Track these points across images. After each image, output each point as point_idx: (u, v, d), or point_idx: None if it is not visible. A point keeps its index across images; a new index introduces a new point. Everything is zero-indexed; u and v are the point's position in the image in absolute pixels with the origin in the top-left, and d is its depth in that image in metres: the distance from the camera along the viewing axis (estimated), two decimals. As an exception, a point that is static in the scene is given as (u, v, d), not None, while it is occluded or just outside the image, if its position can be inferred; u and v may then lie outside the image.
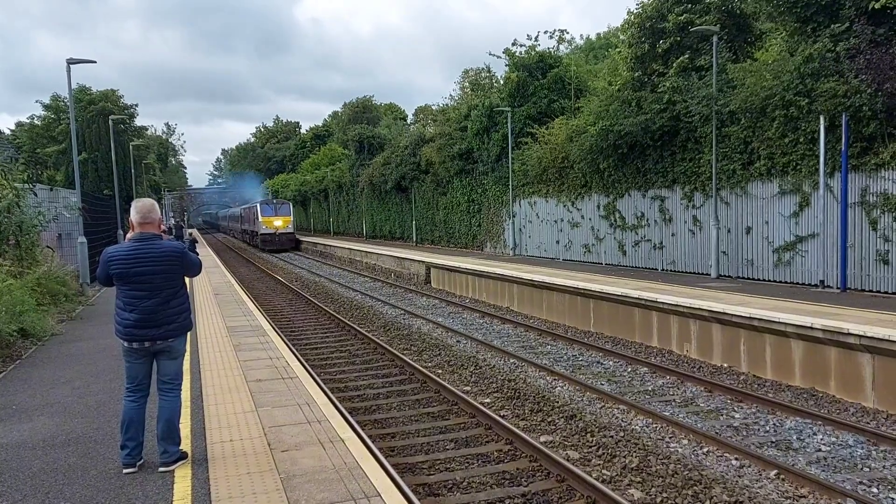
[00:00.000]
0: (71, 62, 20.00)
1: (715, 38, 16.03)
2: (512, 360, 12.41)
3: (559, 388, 10.52)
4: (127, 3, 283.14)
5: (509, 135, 26.03)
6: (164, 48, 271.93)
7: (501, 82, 30.78)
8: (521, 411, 9.39)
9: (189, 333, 5.55)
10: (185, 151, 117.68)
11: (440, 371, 11.84)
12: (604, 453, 7.69)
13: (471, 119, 29.63)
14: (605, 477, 7.02)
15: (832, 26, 13.50)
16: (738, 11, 17.89)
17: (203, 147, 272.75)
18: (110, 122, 33.83)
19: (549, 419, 8.98)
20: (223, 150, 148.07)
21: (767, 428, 8.46)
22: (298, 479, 5.01)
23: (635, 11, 19.50)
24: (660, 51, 18.61)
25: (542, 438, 8.18)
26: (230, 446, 5.78)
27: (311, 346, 14.20)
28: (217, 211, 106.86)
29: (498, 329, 15.96)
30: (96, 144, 40.47)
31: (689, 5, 18.26)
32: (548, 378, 11.09)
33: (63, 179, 34.73)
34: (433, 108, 57.48)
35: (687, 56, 17.63)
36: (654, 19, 18.80)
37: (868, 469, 7.18)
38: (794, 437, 8.10)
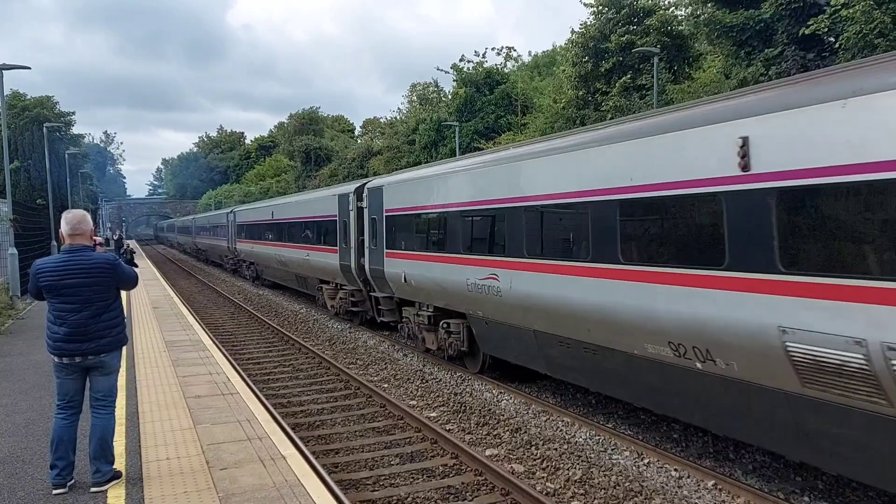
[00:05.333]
0: (3, 68, 19.30)
1: (656, 59, 16.52)
2: (458, 374, 12.42)
3: (505, 401, 10.57)
4: (48, 4, 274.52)
5: (457, 150, 26.19)
6: (90, 52, 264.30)
7: (449, 97, 31.04)
8: (467, 425, 9.39)
9: (125, 348, 5.38)
10: (123, 160, 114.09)
11: (386, 385, 11.76)
12: (548, 466, 7.75)
13: (419, 133, 29.77)
14: (549, 490, 7.08)
15: (766, 51, 14.09)
16: (676, 33, 18.50)
17: (141, 156, 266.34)
18: (45, 129, 32.64)
19: (495, 432, 9.01)
20: (164, 159, 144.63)
21: (706, 439, 8.67)
22: (237, 498, 4.89)
23: (579, 31, 19.98)
24: (603, 70, 19.09)
25: (488, 452, 8.20)
26: (167, 465, 5.60)
27: (253, 360, 13.91)
28: (159, 222, 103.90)
29: (444, 343, 15.93)
30: (29, 152, 38.95)
31: (631, 26, 18.80)
32: (493, 391, 11.13)
33: (-7, 188, 33.26)
34: (381, 120, 57.54)
35: (629, 76, 18.13)
36: (597, 39, 19.28)
37: (800, 479, 7.42)
38: (731, 449, 8.32)
